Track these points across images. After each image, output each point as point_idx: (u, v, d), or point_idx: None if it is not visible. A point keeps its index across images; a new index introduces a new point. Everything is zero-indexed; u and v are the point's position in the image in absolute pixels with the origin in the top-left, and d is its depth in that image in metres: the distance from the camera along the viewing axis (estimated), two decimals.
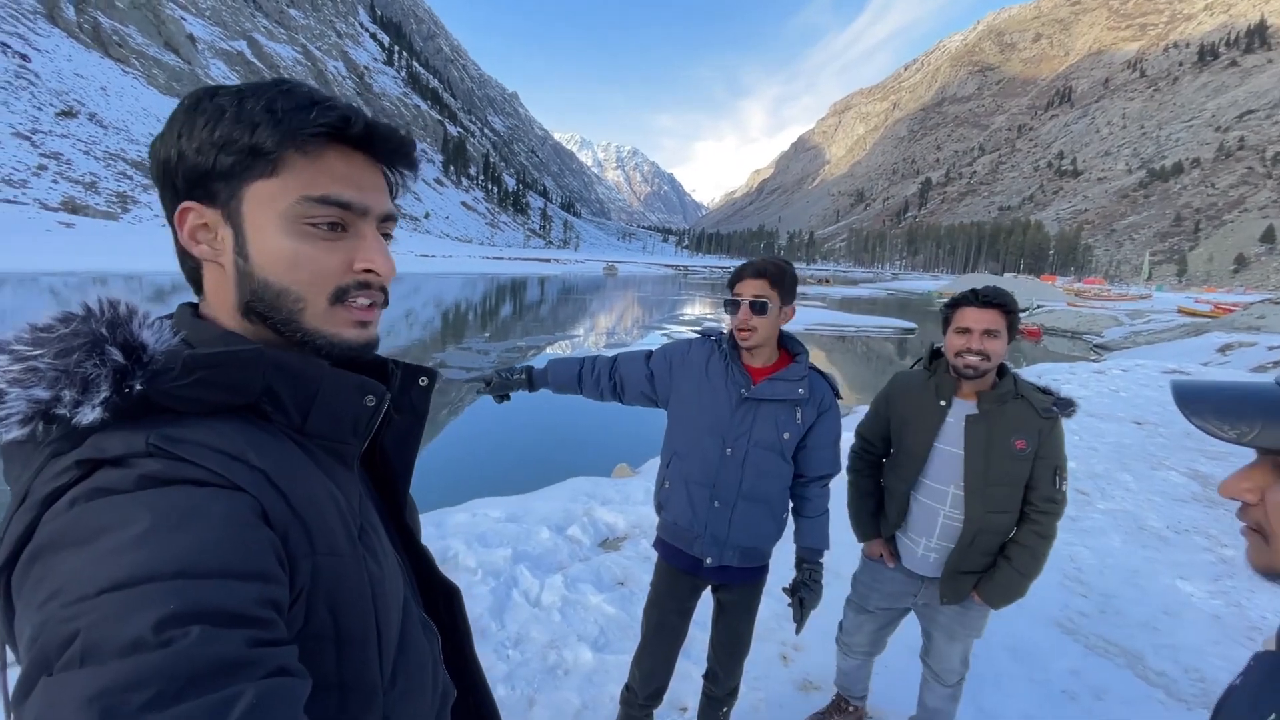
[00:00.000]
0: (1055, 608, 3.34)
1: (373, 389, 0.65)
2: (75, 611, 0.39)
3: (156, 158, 0.58)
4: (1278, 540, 0.57)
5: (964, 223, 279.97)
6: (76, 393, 0.47)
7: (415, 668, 0.67)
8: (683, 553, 1.86)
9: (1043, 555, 1.90)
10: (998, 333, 1.78)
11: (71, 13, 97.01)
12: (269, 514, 0.51)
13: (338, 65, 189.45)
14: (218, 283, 0.61)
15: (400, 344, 15.45)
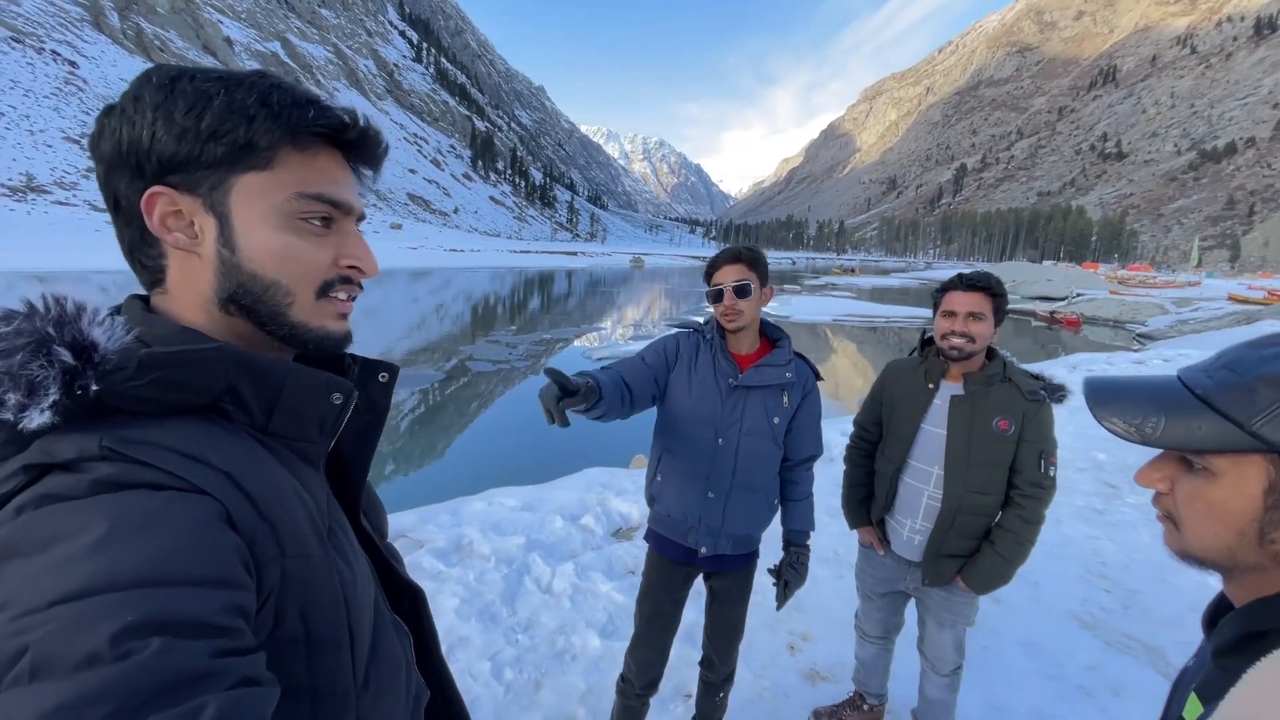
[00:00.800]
0: (1075, 602, 3.27)
1: (340, 387, 0.63)
2: (25, 625, 0.37)
3: (115, 137, 0.54)
4: (1186, 528, 0.60)
5: (1001, 209, 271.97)
6: (22, 396, 0.45)
7: (388, 670, 0.66)
8: (676, 544, 1.88)
9: (1027, 541, 1.88)
10: (982, 315, 1.82)
11: (115, 19, 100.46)
12: (233, 517, 0.49)
13: (368, 63, 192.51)
14: (188, 274, 0.59)
15: (432, 337, 15.74)
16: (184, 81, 0.55)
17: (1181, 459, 0.60)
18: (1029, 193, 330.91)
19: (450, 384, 10.52)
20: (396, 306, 21.98)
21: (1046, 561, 3.68)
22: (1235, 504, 0.56)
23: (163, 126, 0.54)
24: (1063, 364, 12.53)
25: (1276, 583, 0.56)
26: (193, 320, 0.59)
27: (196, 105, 0.55)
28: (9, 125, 61.05)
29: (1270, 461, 0.54)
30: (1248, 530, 0.55)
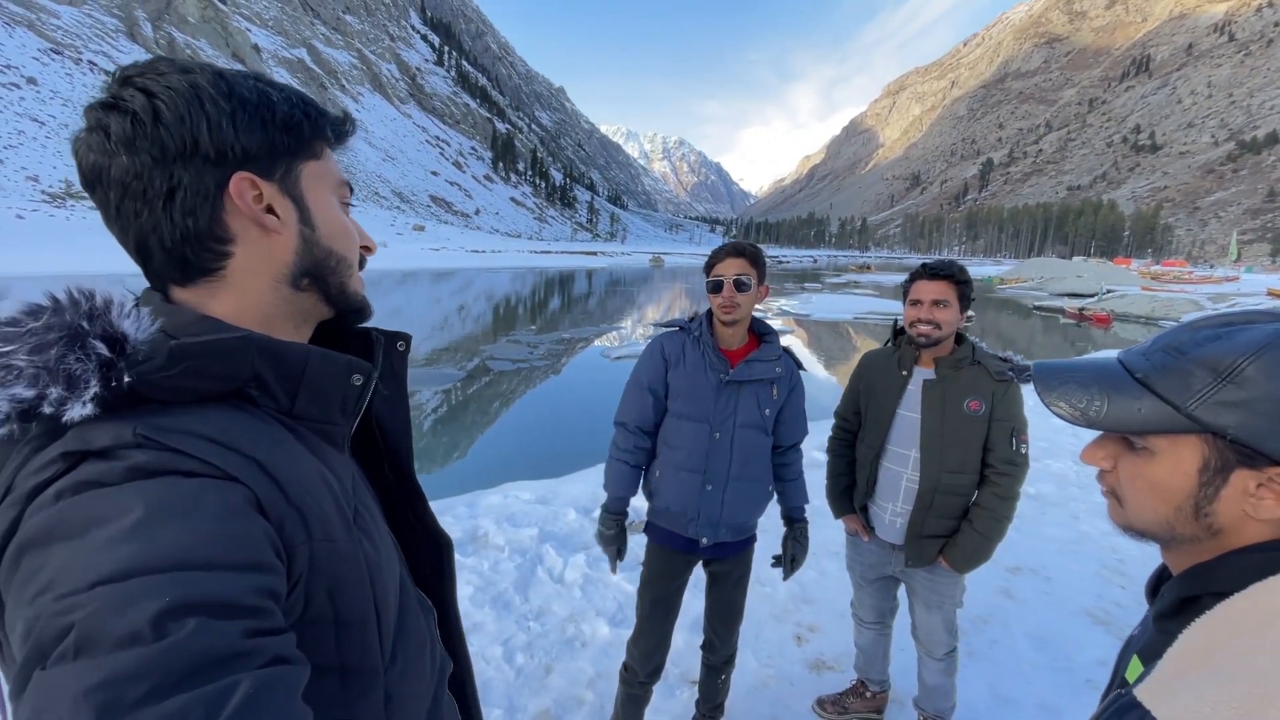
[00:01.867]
0: (1089, 597, 3.25)
1: (360, 368, 0.65)
2: (69, 605, 0.39)
3: (186, 125, 0.54)
4: (1128, 503, 0.64)
5: (1029, 204, 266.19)
6: (62, 389, 0.46)
7: (414, 646, 0.68)
8: (676, 535, 1.93)
9: (1004, 517, 1.93)
10: (946, 302, 1.90)
11: (149, 30, 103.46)
12: (263, 502, 0.50)
13: (390, 68, 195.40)
14: (263, 256, 0.61)
15: (454, 337, 15.97)
16: (231, 77, 0.58)
17: (1124, 438, 0.63)
18: (1058, 187, 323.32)
19: (471, 383, 10.68)
20: (420, 307, 22.33)
21: (1060, 558, 3.66)
22: (1173, 481, 0.58)
23: (244, 118, 0.57)
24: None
25: (1210, 551, 0.59)
26: (260, 301, 0.62)
27: (263, 100, 0.59)
28: (50, 134, 63.27)
29: (1205, 441, 0.56)
30: (1184, 505, 0.58)
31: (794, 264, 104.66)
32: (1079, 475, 5.07)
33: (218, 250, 0.59)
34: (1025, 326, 22.59)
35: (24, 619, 0.41)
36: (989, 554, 1.96)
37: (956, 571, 2.00)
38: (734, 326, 1.86)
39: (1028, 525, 4.09)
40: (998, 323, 23.73)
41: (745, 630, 2.85)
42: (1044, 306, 28.71)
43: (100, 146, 0.54)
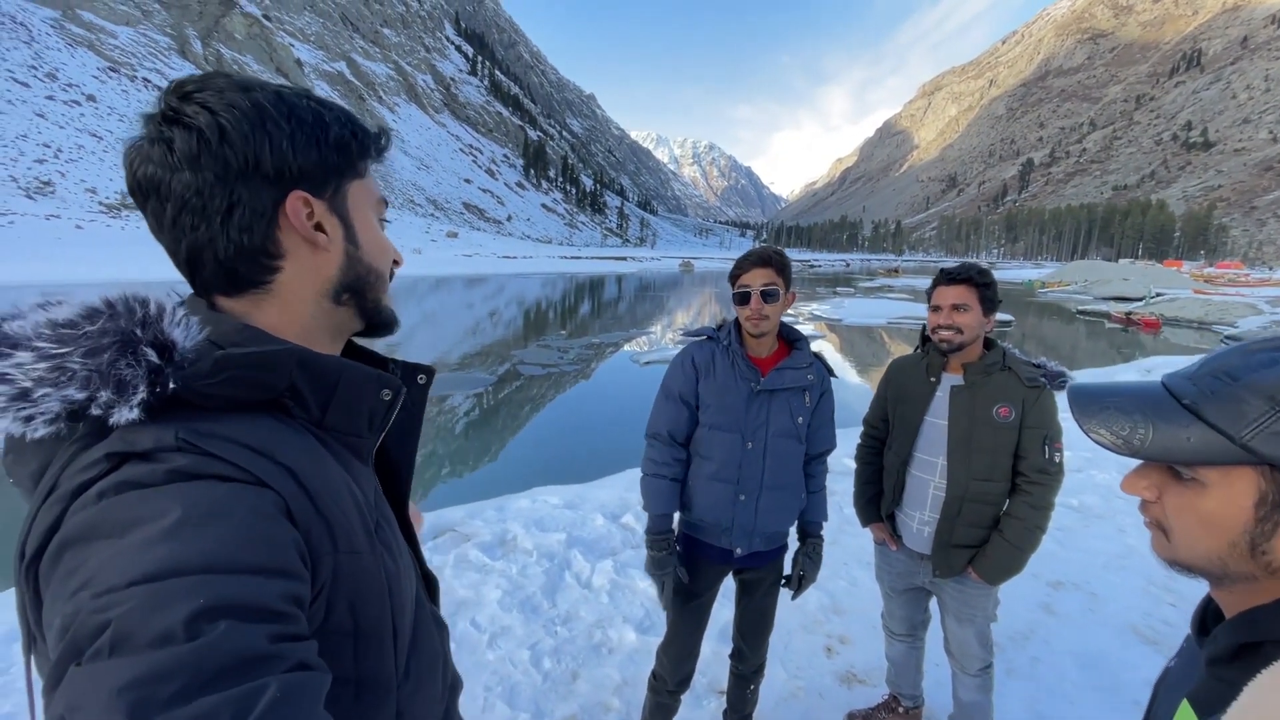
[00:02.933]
0: (1136, 614, 3.11)
1: (389, 383, 0.66)
2: (106, 602, 0.40)
3: (249, 144, 0.56)
4: (1176, 537, 0.59)
5: (1071, 205, 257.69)
6: (112, 393, 0.48)
7: (427, 662, 0.69)
8: (710, 545, 1.90)
9: (1037, 527, 1.87)
10: (967, 306, 1.86)
11: (199, 47, 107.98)
12: (293, 511, 0.51)
13: (426, 78, 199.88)
14: (310, 271, 0.63)
15: (485, 342, 16.20)
16: (288, 97, 0.61)
17: (1169, 468, 0.59)
18: (1103, 187, 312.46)
19: (502, 387, 10.81)
20: (452, 312, 22.73)
21: (1106, 572, 3.52)
22: (1226, 516, 0.55)
23: (304, 139, 0.59)
24: (1137, 368, 11.81)
25: (1269, 592, 0.55)
26: (304, 315, 0.64)
27: (318, 120, 0.61)
28: (106, 148, 66.42)
29: (1261, 473, 0.53)
30: (1239, 541, 0.55)
31: (826, 268, 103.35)
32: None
33: (268, 265, 0.60)
34: (1068, 331, 21.86)
35: (62, 615, 0.41)
36: (1020, 565, 1.89)
37: (987, 583, 1.94)
38: (763, 337, 1.82)
39: (1070, 538, 3.94)
40: (1039, 328, 23.01)
41: (774, 641, 2.81)
42: (1088, 310, 27.76)
43: (162, 159, 0.55)
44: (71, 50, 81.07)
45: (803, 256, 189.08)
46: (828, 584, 3.32)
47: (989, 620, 2.04)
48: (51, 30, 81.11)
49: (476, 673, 2.56)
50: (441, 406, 9.43)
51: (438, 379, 4.51)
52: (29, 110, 61.73)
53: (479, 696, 2.42)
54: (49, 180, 50.51)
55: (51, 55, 76.03)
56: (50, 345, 0.48)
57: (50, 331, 0.48)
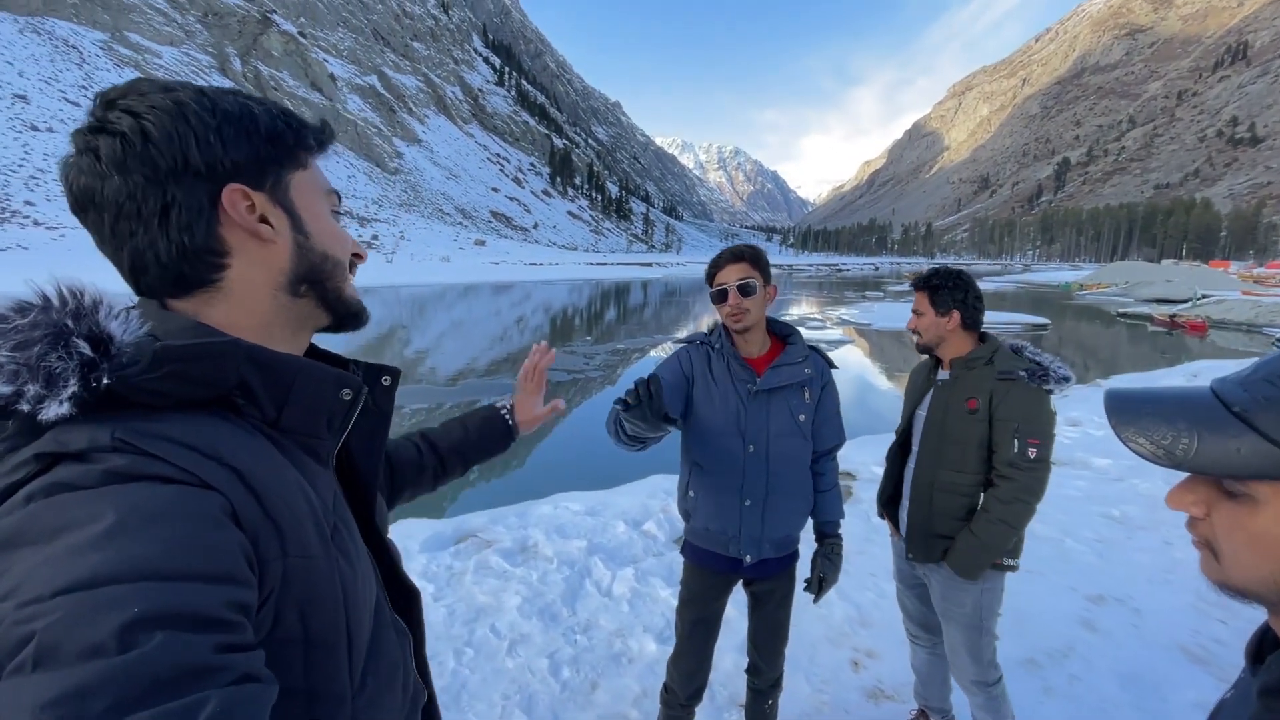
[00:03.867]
0: (1184, 632, 2.95)
1: (349, 383, 0.65)
2: (31, 613, 0.38)
3: (176, 143, 0.55)
4: (1226, 558, 0.55)
5: (1110, 205, 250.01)
6: (40, 387, 0.45)
7: (386, 671, 0.66)
8: (718, 555, 1.85)
9: (1002, 521, 1.85)
10: (920, 311, 2.01)
11: (238, 64, 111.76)
12: (239, 514, 0.49)
13: (455, 90, 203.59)
14: (260, 264, 0.62)
15: (512, 348, 16.33)
16: (211, 93, 0.60)
17: (1218, 482, 0.55)
18: (1144, 186, 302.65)
19: None
20: (480, 319, 22.99)
21: (1151, 587, 3.36)
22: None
23: (230, 132, 0.58)
24: (1182, 372, 11.35)
25: None
26: (261, 310, 0.63)
27: (245, 113, 0.60)
28: None
29: None
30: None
31: (854, 272, 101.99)
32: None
33: (214, 263, 0.59)
34: (1108, 335, 21.14)
35: None
36: (988, 559, 1.89)
37: (956, 573, 1.92)
38: (749, 333, 1.78)
39: (1112, 550, 3.78)
40: (1077, 331, 22.30)
41: (798, 653, 2.75)
42: (1129, 313, 26.79)
43: (91, 169, 0.54)
44: (120, 70, 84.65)
45: (830, 260, 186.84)
46: (854, 595, 3.24)
47: (977, 627, 1.98)
48: (101, 52, 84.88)
49: (495, 680, 2.54)
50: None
51: (466, 384, 4.61)
52: None
53: (496, 705, 2.41)
54: None
55: (101, 75, 79.48)
56: None
57: None
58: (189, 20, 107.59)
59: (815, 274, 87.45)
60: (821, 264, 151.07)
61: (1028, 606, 3.11)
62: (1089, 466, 5.44)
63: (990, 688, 2.01)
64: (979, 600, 1.97)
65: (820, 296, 40.46)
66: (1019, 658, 2.75)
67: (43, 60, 72.82)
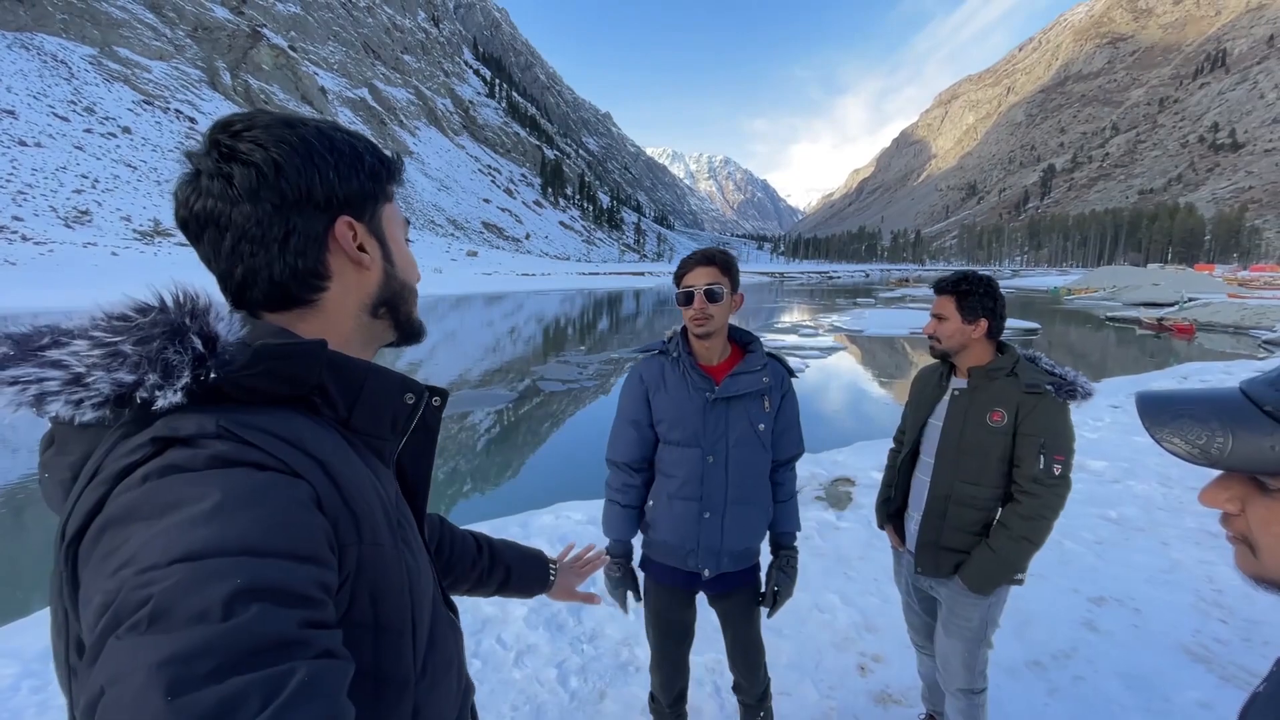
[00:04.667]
0: (1185, 632, 2.98)
1: (413, 387, 0.69)
2: (148, 578, 0.41)
3: (301, 178, 0.61)
4: (1265, 553, 0.55)
5: (1096, 210, 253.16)
6: (159, 377, 0.50)
7: (442, 662, 0.70)
8: (677, 570, 1.84)
9: (1025, 538, 1.81)
10: (944, 316, 1.92)
11: (228, 78, 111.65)
12: (322, 501, 0.53)
13: (445, 102, 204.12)
14: (353, 289, 0.68)
15: (506, 359, 16.31)
16: (327, 131, 0.66)
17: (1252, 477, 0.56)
18: (1128, 191, 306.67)
19: (523, 403, 10.85)
20: (473, 330, 22.96)
21: (1151, 588, 3.39)
22: None
23: (346, 169, 0.65)
24: (1173, 375, 11.49)
25: None
26: (346, 329, 0.69)
27: (354, 151, 0.67)
28: (140, 177, 68.74)
29: None
30: None
31: (845, 279, 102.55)
32: (1166, 498, 4.70)
33: (316, 285, 0.65)
34: (1097, 339, 21.36)
35: (103, 591, 0.43)
36: (1005, 575, 1.85)
37: (969, 588, 1.88)
38: (710, 339, 1.75)
39: (1111, 551, 3.81)
40: (1066, 335, 22.52)
41: (804, 659, 2.76)
42: (1117, 317, 27.09)
43: (222, 193, 0.59)
44: (109, 85, 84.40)
45: (821, 268, 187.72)
46: (858, 600, 3.25)
47: (979, 640, 1.97)
48: (90, 66, 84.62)
49: (503, 691, 2.53)
50: (464, 424, 9.48)
51: (460, 396, 4.63)
52: (68, 143, 64.23)
53: (506, 716, 2.40)
54: (86, 209, 52.39)
55: (90, 90, 79.21)
56: (105, 335, 0.51)
57: (105, 322, 0.52)
58: (179, 35, 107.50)
59: (806, 281, 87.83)
60: (812, 271, 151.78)
61: (1031, 609, 3.13)
62: (1085, 469, 5.49)
63: (976, 695, 2.01)
64: (985, 615, 1.96)
65: (812, 304, 40.66)
66: (1024, 660, 2.77)
67: (31, 75, 72.50)
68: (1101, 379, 11.55)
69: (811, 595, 3.27)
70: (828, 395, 11.88)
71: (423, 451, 0.77)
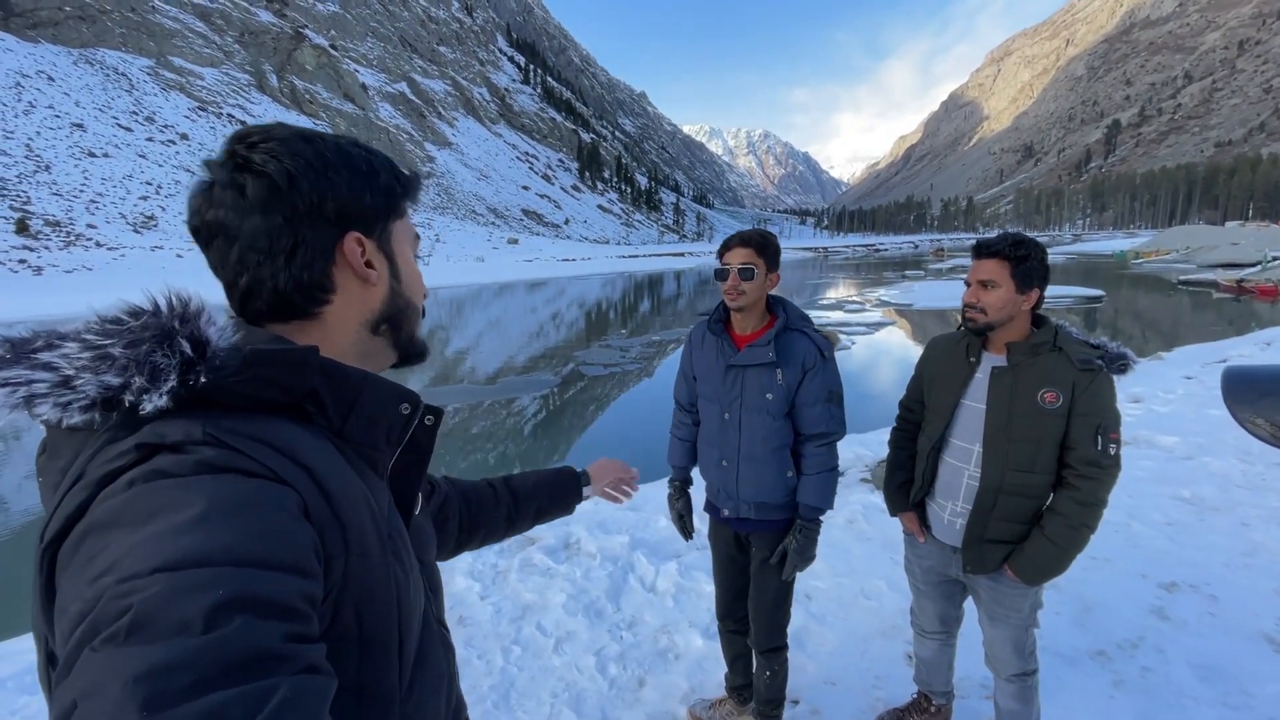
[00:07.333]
0: (1268, 621, 2.76)
1: (409, 398, 0.68)
2: (129, 588, 0.40)
3: (312, 192, 0.61)
4: None
5: (1167, 166, 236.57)
6: (145, 380, 0.50)
7: (431, 679, 0.68)
8: (711, 503, 2.14)
9: (1083, 525, 1.67)
10: (994, 283, 1.69)
11: (274, 80, 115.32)
12: (310, 510, 0.53)
13: (481, 91, 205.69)
14: (356, 304, 0.68)
15: (549, 344, 16.51)
16: (344, 146, 0.66)
17: None
18: (1203, 144, 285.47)
19: (566, 389, 10.95)
20: (517, 317, 23.26)
21: (1228, 572, 3.16)
22: None
23: (360, 185, 0.65)
24: (1253, 340, 10.70)
25: None
26: (346, 342, 0.68)
27: (369, 167, 0.67)
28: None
29: None
30: None
31: (892, 251, 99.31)
32: (1246, 475, 4.37)
33: (320, 298, 0.65)
34: (1168, 305, 20.08)
35: (81, 599, 0.42)
36: (1064, 566, 1.71)
37: (1024, 582, 1.76)
38: (743, 313, 1.91)
39: (1184, 534, 3.56)
40: (1134, 302, 21.24)
41: (850, 647, 2.69)
42: (1191, 280, 25.40)
43: (235, 203, 0.60)
44: (166, 94, 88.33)
45: (867, 241, 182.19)
46: (905, 587, 3.13)
47: (1027, 625, 1.87)
48: (148, 77, 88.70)
49: (543, 678, 2.55)
50: (510, 409, 9.64)
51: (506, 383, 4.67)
52: (132, 152, 67.63)
53: (545, 703, 2.42)
54: (152, 215, 55.19)
55: (149, 100, 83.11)
56: (96, 338, 0.51)
57: (98, 326, 0.52)
58: (227, 41, 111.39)
59: (852, 256, 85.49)
60: (858, 245, 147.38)
61: (1094, 595, 2.96)
62: (1155, 445, 5.16)
63: (1028, 678, 1.91)
64: (1034, 600, 1.86)
65: (858, 278, 39.54)
66: (1086, 649, 2.62)
67: (95, 89, 76.51)
68: (1174, 348, 10.85)
69: (857, 581, 3.18)
70: (874, 373, 11.56)
71: (411, 469, 0.76)
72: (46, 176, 52.14)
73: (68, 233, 43.55)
